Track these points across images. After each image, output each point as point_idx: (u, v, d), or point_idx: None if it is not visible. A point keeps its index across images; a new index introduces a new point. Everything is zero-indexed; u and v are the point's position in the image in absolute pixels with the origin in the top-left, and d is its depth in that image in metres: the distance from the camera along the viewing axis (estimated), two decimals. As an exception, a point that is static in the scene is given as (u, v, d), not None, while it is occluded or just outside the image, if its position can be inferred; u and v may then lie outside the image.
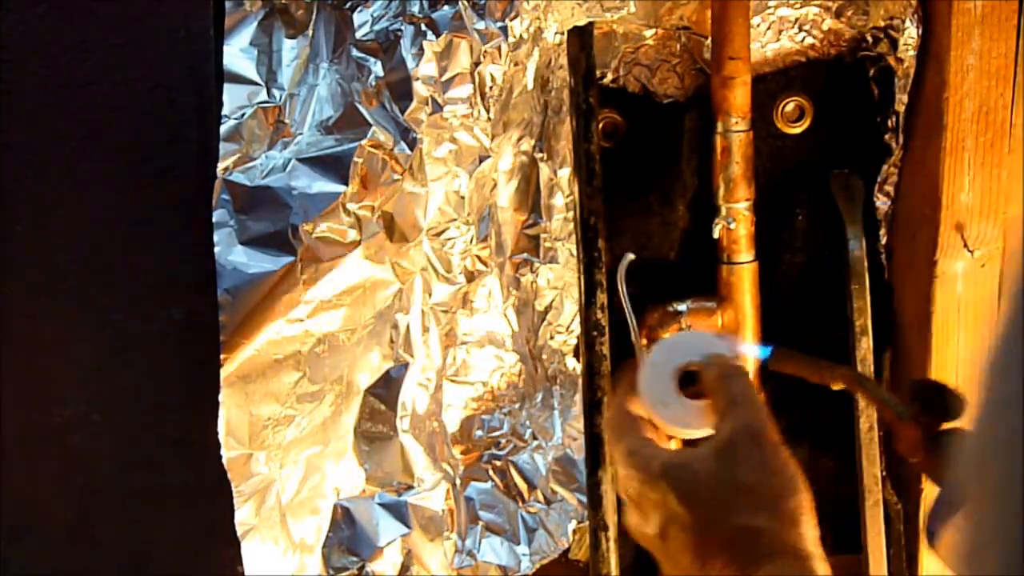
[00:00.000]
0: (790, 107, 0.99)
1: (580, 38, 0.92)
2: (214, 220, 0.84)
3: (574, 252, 0.97)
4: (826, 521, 1.01)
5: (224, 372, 0.85)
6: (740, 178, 0.94)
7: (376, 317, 0.91)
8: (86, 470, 0.96)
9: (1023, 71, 0.93)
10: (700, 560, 0.66)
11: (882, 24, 0.95)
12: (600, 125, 0.95)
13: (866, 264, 0.97)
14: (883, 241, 1.02)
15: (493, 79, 0.88)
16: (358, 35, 0.87)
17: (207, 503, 0.95)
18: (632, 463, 0.71)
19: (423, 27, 0.86)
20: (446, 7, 0.86)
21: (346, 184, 0.85)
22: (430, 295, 0.94)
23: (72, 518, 0.97)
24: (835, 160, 1.00)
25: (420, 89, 0.86)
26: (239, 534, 0.89)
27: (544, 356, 1.02)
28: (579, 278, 0.94)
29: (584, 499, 1.00)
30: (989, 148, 0.93)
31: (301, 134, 0.87)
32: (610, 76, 0.97)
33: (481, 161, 0.91)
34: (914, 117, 0.97)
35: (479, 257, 0.96)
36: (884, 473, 1.03)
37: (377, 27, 0.87)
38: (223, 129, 0.85)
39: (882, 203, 1.00)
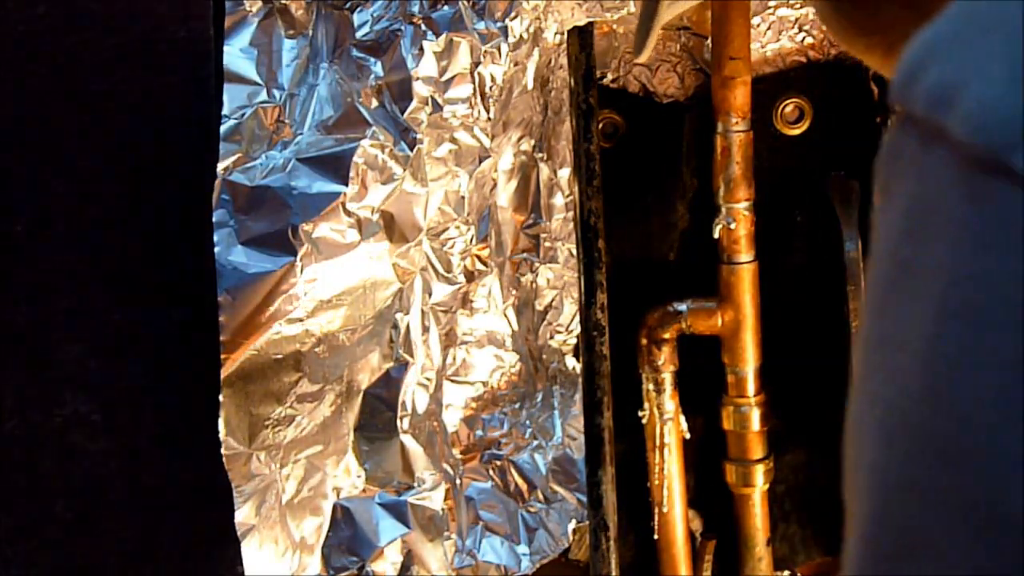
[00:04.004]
0: (789, 108, 0.99)
1: (580, 38, 0.92)
2: (214, 220, 0.84)
3: (574, 252, 0.97)
4: (826, 522, 1.01)
5: (224, 372, 0.85)
6: (740, 178, 0.94)
7: (376, 317, 0.91)
8: (86, 470, 0.96)
9: (1023, 71, 0.93)
10: None
11: (882, 24, 0.95)
12: (600, 125, 0.95)
13: (862, 265, 0.97)
14: (883, 241, 1.01)
15: (493, 79, 0.88)
16: (358, 35, 0.87)
17: (207, 503, 0.95)
18: None
19: (423, 27, 0.86)
20: (446, 7, 0.86)
21: (346, 184, 0.85)
22: (430, 295, 0.94)
23: (72, 518, 0.97)
24: (835, 161, 1.00)
25: (420, 89, 0.86)
26: (239, 534, 0.89)
27: (544, 356, 1.02)
28: (579, 278, 0.94)
29: (584, 499, 1.01)
30: (989, 148, 0.93)
31: (301, 134, 0.87)
32: (610, 76, 0.97)
33: (481, 161, 0.91)
34: (914, 117, 0.96)
35: (479, 257, 0.96)
36: (884, 473, 1.03)
37: (377, 27, 0.87)
38: (223, 129, 0.85)
39: (882, 203, 1.00)
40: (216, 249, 0.84)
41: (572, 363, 1.02)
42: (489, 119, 0.89)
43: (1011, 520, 0.29)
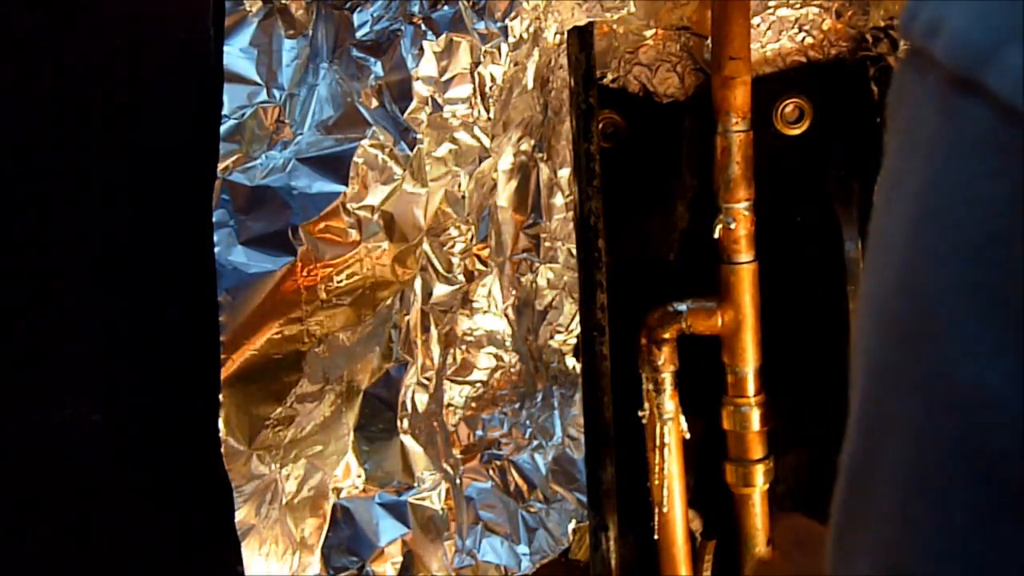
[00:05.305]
0: (789, 108, 0.99)
1: (580, 38, 0.92)
2: (214, 220, 0.84)
3: (574, 252, 0.97)
4: (826, 522, 1.01)
5: (224, 372, 0.85)
6: (740, 178, 0.94)
7: (376, 317, 0.91)
8: (86, 470, 0.96)
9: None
10: None
11: (882, 24, 0.95)
12: (600, 125, 0.95)
13: (862, 265, 0.97)
14: (883, 241, 1.02)
15: (493, 79, 0.88)
16: (358, 35, 0.87)
17: (207, 503, 0.95)
18: None
19: (423, 27, 0.86)
20: (446, 7, 0.86)
21: (346, 184, 0.85)
22: (430, 295, 0.94)
23: (72, 518, 0.96)
24: (835, 161, 1.00)
25: (420, 89, 0.86)
26: (239, 534, 0.89)
27: (544, 356, 1.02)
28: (579, 278, 0.94)
29: (584, 499, 1.01)
30: (989, 148, 0.93)
31: (301, 134, 0.87)
32: (610, 76, 0.97)
33: (481, 161, 0.91)
34: (914, 117, 0.97)
35: (479, 257, 0.96)
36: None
37: (377, 27, 0.87)
38: (223, 129, 0.85)
39: (882, 203, 1.00)
40: (216, 249, 0.84)
41: (572, 363, 1.02)
42: (489, 119, 0.89)
43: (960, 393, 0.33)
